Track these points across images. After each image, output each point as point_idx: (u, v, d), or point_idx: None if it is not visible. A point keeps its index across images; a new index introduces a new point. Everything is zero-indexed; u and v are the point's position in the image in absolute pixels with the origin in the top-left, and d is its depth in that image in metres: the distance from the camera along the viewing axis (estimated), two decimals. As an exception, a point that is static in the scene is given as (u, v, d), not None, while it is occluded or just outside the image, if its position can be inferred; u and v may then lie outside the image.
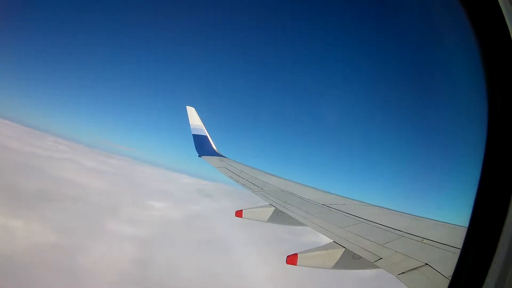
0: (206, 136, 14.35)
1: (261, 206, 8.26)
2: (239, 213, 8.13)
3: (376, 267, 4.97)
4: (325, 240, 6.10)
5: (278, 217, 7.89)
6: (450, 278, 4.02)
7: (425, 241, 5.50)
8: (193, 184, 72.51)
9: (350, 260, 5.54)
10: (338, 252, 5.63)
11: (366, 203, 8.40)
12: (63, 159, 65.51)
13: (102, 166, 71.35)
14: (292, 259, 5.80)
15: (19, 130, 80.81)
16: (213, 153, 13.77)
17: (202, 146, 13.92)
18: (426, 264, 4.61)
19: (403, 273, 4.50)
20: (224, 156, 13.57)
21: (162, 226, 44.34)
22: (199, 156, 13.37)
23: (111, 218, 41.83)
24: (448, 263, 4.52)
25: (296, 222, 7.27)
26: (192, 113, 14.67)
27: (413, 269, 4.55)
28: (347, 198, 8.78)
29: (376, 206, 8.18)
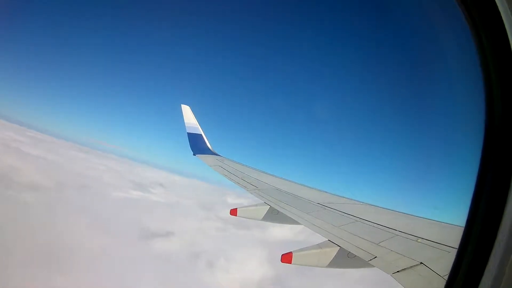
0: (201, 134, 14.29)
1: (256, 205, 8.24)
2: (233, 212, 8.11)
3: (371, 266, 4.97)
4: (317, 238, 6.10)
5: (273, 215, 7.89)
6: (444, 277, 4.04)
7: (420, 240, 5.50)
8: (153, 177, 74.28)
9: (345, 258, 5.54)
10: (333, 251, 5.63)
11: (361, 202, 8.41)
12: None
13: (53, 156, 70.21)
14: (287, 258, 5.78)
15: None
16: (208, 151, 13.73)
17: (197, 144, 13.87)
18: (421, 263, 4.62)
19: (398, 272, 4.50)
20: (219, 155, 13.54)
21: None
22: (194, 154, 13.32)
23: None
24: (442, 262, 4.54)
25: (291, 221, 7.27)
26: (187, 112, 14.61)
27: (408, 268, 4.56)
28: (342, 197, 8.79)
29: (371, 205, 8.18)
